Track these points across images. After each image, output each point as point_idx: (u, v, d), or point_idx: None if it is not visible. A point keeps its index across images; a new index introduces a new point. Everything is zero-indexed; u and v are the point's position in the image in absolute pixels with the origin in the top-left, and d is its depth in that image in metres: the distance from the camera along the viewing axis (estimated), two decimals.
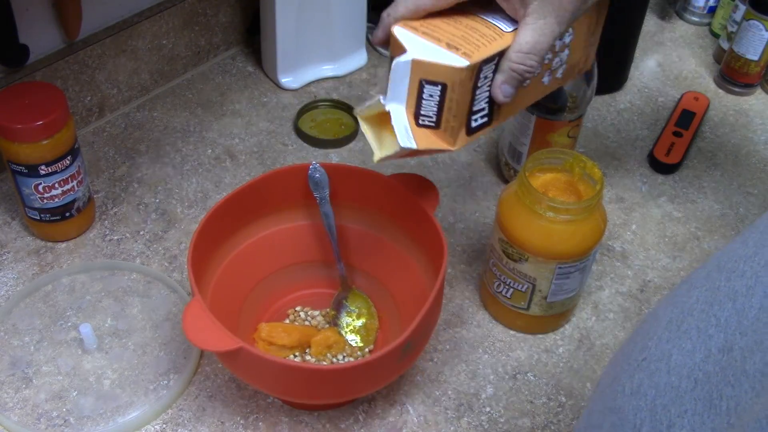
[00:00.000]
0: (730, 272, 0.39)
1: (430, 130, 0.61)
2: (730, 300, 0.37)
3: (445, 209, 0.91)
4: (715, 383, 0.35)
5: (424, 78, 0.59)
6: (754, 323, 0.36)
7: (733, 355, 0.36)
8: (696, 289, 0.40)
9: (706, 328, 0.37)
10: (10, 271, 0.82)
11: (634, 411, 0.38)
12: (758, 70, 1.07)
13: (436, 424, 0.72)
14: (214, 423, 0.71)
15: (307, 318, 0.78)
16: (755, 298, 0.36)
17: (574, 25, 0.65)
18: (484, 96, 0.62)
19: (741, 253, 0.39)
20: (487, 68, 0.60)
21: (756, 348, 0.35)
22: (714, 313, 0.38)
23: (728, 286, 0.38)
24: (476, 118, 0.62)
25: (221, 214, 0.71)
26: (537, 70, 0.61)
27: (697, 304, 0.39)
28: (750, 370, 0.34)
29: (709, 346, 0.37)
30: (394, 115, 0.60)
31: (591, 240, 0.72)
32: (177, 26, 1.00)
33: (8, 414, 0.70)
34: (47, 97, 0.77)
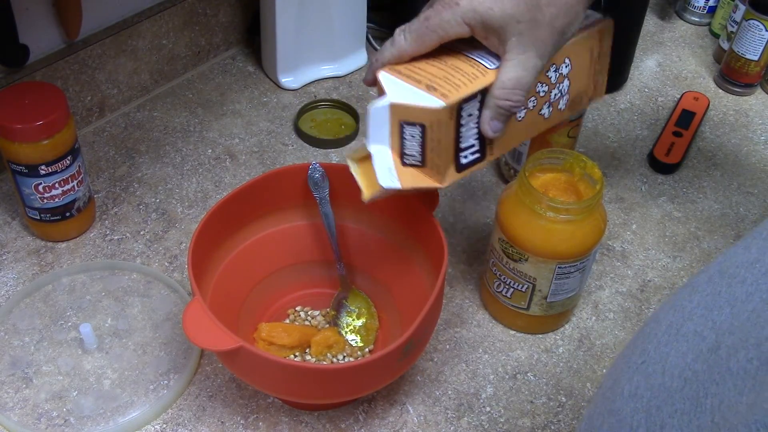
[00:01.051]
0: (731, 278, 0.39)
1: (417, 169, 0.63)
2: (729, 305, 0.38)
3: (445, 209, 0.91)
4: (702, 382, 0.36)
5: (402, 120, 0.61)
6: (743, 323, 0.36)
7: (719, 353, 0.36)
8: (697, 294, 0.40)
9: (702, 331, 0.38)
10: (10, 271, 0.82)
11: (631, 413, 0.39)
12: (758, 70, 1.07)
13: (436, 424, 0.72)
14: (214, 423, 0.71)
15: (307, 318, 0.78)
16: (751, 304, 0.37)
17: (570, 56, 0.66)
18: (472, 133, 0.63)
19: (743, 259, 0.39)
20: (470, 106, 0.61)
21: (740, 346, 0.35)
22: (712, 317, 0.38)
23: (729, 292, 0.38)
24: (465, 155, 0.64)
25: (221, 214, 0.71)
26: (522, 104, 0.62)
27: (697, 308, 0.39)
28: (734, 367, 0.35)
29: (701, 347, 0.37)
30: (376, 157, 0.63)
31: (591, 240, 0.72)
32: (177, 26, 1.00)
33: (8, 414, 0.70)
34: (47, 97, 0.77)
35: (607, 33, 0.68)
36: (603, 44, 0.68)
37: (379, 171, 0.62)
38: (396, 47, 0.62)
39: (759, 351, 0.34)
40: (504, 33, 0.59)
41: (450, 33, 0.61)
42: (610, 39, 0.69)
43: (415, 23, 0.61)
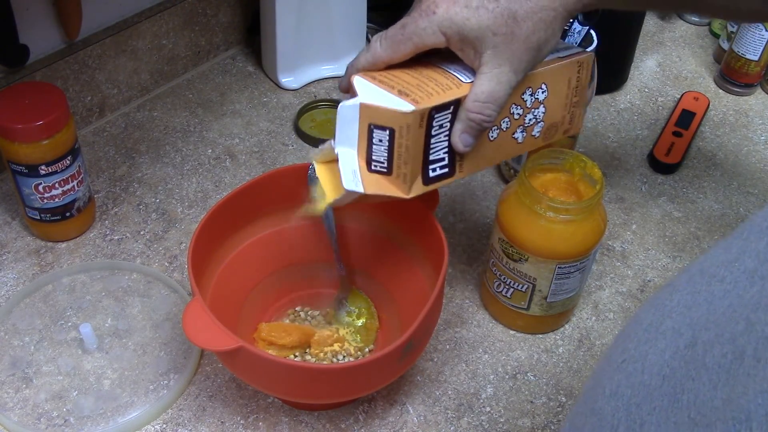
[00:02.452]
0: (711, 277, 0.39)
1: (382, 176, 0.62)
2: (706, 302, 0.38)
3: (445, 209, 0.91)
4: (679, 378, 0.36)
5: (372, 122, 0.60)
6: (719, 319, 0.36)
7: (696, 349, 0.36)
8: (677, 293, 0.41)
9: (679, 328, 0.38)
10: (10, 271, 0.82)
11: (612, 412, 0.39)
12: (758, 70, 1.07)
13: (436, 424, 0.72)
14: (214, 423, 0.71)
15: (307, 318, 0.78)
16: (727, 300, 0.37)
17: (548, 82, 0.66)
18: (442, 146, 0.62)
19: (723, 258, 0.40)
20: (442, 117, 0.61)
21: (716, 341, 0.35)
22: (690, 315, 0.38)
23: (707, 290, 0.39)
24: (434, 168, 0.63)
25: (221, 214, 0.71)
26: (494, 119, 0.62)
27: (676, 307, 0.40)
28: (709, 363, 0.35)
29: (678, 343, 0.37)
30: (342, 158, 0.61)
31: (591, 240, 0.72)
32: (177, 26, 1.00)
33: (8, 414, 0.70)
34: (47, 97, 0.77)
35: (585, 65, 0.68)
36: (581, 76, 0.68)
37: (344, 173, 0.60)
38: (371, 53, 0.62)
39: (733, 346, 0.34)
40: (480, 45, 0.59)
41: (426, 42, 0.60)
42: (588, 72, 0.69)
43: (391, 30, 0.61)
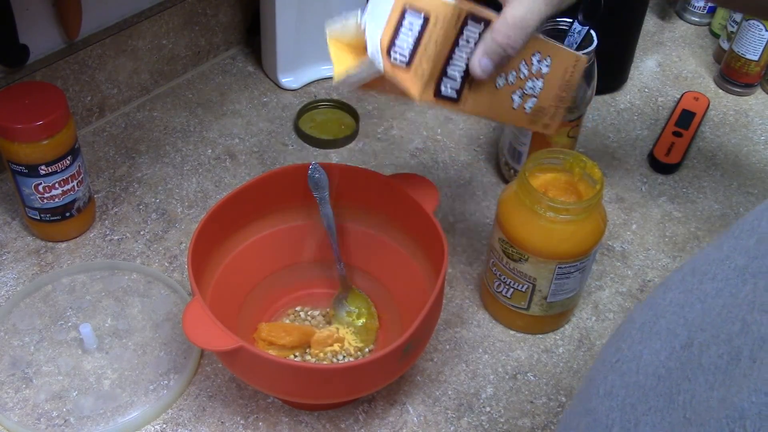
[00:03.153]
0: (702, 275, 0.39)
1: (399, 69, 0.58)
2: (699, 301, 0.38)
3: (445, 209, 0.91)
4: (675, 378, 0.36)
5: (408, 4, 0.57)
6: (714, 319, 0.37)
7: (692, 350, 0.36)
8: (670, 292, 0.41)
9: (674, 328, 0.38)
10: (10, 271, 0.82)
11: (606, 412, 0.39)
12: (758, 70, 1.07)
13: (436, 424, 0.72)
14: (214, 423, 0.71)
15: (307, 318, 0.78)
16: (721, 299, 0.37)
17: (552, 57, 0.67)
18: (460, 63, 0.60)
19: (715, 257, 0.40)
20: (472, 30, 0.59)
21: (712, 342, 0.36)
22: (684, 314, 0.38)
23: (700, 289, 0.39)
24: (446, 84, 0.61)
25: (221, 214, 0.71)
26: (518, 48, 0.60)
27: (670, 306, 0.40)
28: (706, 363, 0.35)
29: (674, 344, 0.37)
30: (369, 32, 0.57)
31: (591, 240, 0.72)
32: (177, 26, 1.00)
33: (8, 414, 0.70)
34: (47, 97, 0.77)
35: (580, 65, 0.69)
36: (574, 73, 0.70)
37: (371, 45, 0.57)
38: None
39: (730, 346, 0.34)
40: None
41: None
42: (579, 74, 0.70)
43: None
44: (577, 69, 0.70)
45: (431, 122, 1.01)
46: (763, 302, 0.35)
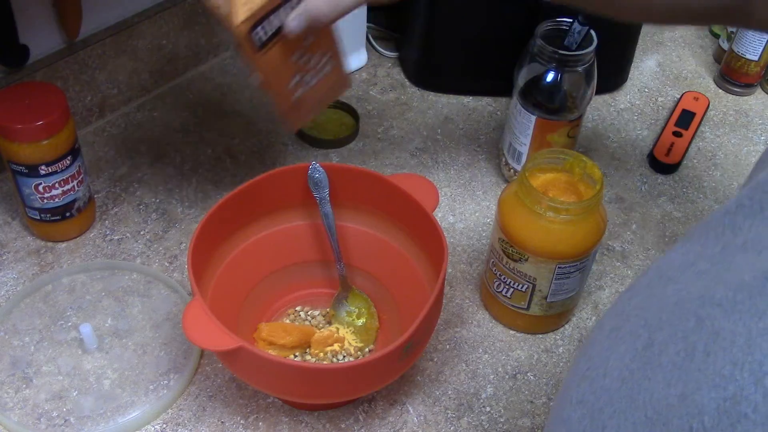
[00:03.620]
0: (667, 280, 0.40)
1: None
2: (658, 301, 0.39)
3: (445, 209, 0.91)
4: (637, 379, 0.37)
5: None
6: (670, 317, 0.37)
7: (653, 350, 0.37)
8: (636, 297, 0.42)
9: (636, 330, 0.39)
10: (11, 271, 0.82)
11: (578, 419, 0.39)
12: (758, 70, 1.07)
13: (436, 424, 0.72)
14: (214, 423, 0.71)
15: (307, 318, 0.78)
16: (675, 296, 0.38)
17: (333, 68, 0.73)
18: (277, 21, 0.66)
19: (680, 261, 0.41)
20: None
21: (670, 340, 0.36)
22: (645, 316, 0.39)
23: (662, 292, 0.39)
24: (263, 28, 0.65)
25: (221, 214, 0.71)
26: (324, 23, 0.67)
27: (634, 310, 0.41)
28: (664, 361, 0.36)
29: (636, 346, 0.38)
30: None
31: (591, 240, 0.72)
32: (177, 26, 1.00)
33: (8, 414, 0.70)
34: (47, 97, 0.77)
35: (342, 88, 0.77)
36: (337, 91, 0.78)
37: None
38: None
39: (686, 343, 0.35)
40: None
41: None
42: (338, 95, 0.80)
43: None
44: (340, 90, 0.77)
45: (431, 122, 1.01)
46: (713, 295, 0.35)
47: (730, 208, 0.39)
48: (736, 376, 0.32)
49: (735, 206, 0.39)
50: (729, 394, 0.31)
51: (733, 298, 0.34)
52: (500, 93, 1.04)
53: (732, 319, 0.34)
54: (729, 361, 0.32)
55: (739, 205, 0.39)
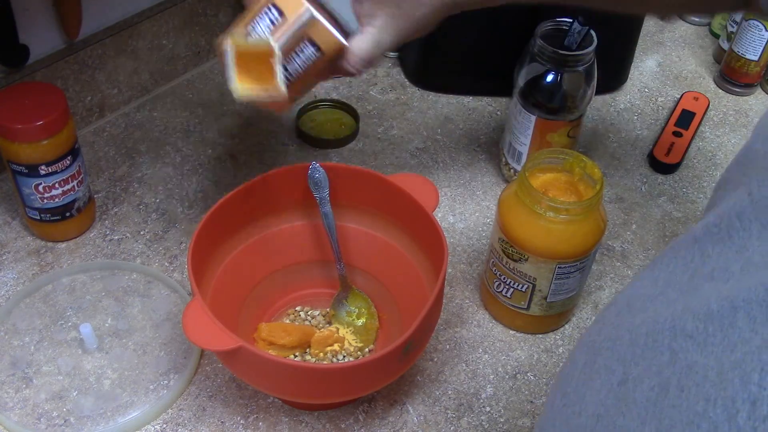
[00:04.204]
0: (636, 311, 0.40)
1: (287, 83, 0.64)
2: (629, 333, 0.38)
3: (445, 209, 0.91)
4: (611, 416, 0.36)
5: (309, 37, 0.63)
6: (643, 350, 0.37)
7: (627, 386, 0.36)
8: (606, 328, 0.41)
9: (610, 365, 0.38)
10: (10, 271, 0.82)
11: None
12: (758, 70, 1.07)
13: (436, 424, 0.72)
14: (214, 423, 0.71)
15: (307, 318, 0.78)
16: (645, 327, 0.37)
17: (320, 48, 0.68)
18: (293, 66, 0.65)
19: (649, 292, 0.40)
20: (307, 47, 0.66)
21: (644, 375, 0.36)
22: (617, 349, 0.39)
23: (631, 322, 0.39)
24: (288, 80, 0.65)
25: (221, 214, 0.71)
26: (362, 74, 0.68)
27: (604, 342, 0.40)
28: (638, 398, 0.35)
29: (611, 381, 0.37)
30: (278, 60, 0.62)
31: (591, 240, 0.72)
32: (177, 26, 1.00)
33: (8, 414, 0.70)
34: (47, 97, 0.77)
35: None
36: None
37: (279, 73, 0.62)
38: None
39: (660, 378, 0.34)
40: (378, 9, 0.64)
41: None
42: None
43: None
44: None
45: (431, 122, 1.01)
46: (684, 326, 0.35)
47: (697, 234, 0.39)
48: (710, 413, 0.31)
49: (702, 232, 0.39)
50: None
51: (704, 329, 0.34)
52: (500, 93, 1.04)
53: (704, 353, 0.33)
54: (702, 397, 0.32)
55: (707, 232, 0.38)
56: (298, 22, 0.63)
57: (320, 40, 0.64)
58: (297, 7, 0.63)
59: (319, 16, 0.63)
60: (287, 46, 0.63)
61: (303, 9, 0.63)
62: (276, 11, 0.63)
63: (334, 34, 0.64)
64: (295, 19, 0.63)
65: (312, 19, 0.63)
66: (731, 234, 0.37)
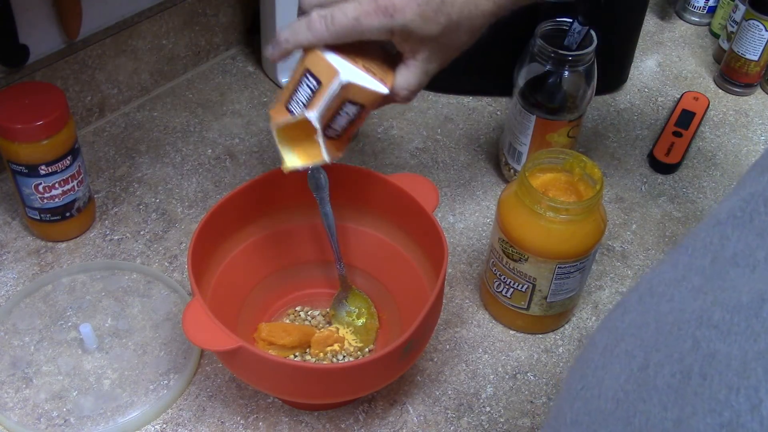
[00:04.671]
0: (660, 296, 0.40)
1: (331, 140, 0.66)
2: (654, 321, 0.38)
3: (445, 209, 0.91)
4: (632, 401, 0.36)
5: (348, 98, 0.63)
6: (667, 338, 0.37)
7: (648, 371, 0.36)
8: (629, 314, 0.41)
9: (632, 350, 0.38)
10: (10, 271, 0.82)
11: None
12: (758, 70, 1.07)
13: (436, 424, 0.72)
14: (214, 423, 0.71)
15: (307, 318, 0.78)
16: (672, 316, 0.37)
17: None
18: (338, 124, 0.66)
19: (671, 276, 0.40)
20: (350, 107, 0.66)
21: (666, 361, 0.35)
22: (641, 335, 0.38)
23: (657, 310, 0.39)
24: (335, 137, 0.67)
25: (221, 214, 0.71)
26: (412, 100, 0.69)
27: (629, 328, 0.40)
28: (659, 384, 0.35)
29: (632, 366, 0.37)
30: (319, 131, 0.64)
31: (591, 240, 0.72)
32: (177, 26, 1.00)
33: (8, 414, 0.70)
34: (47, 97, 0.77)
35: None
36: None
37: (322, 144, 0.64)
38: (315, 35, 0.63)
39: (682, 365, 0.34)
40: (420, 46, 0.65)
41: (373, 37, 0.63)
42: None
43: (339, 16, 0.62)
44: None
45: (431, 122, 1.01)
46: (711, 317, 0.35)
47: (720, 217, 0.39)
48: (732, 401, 0.31)
49: (726, 216, 0.39)
50: (725, 421, 0.31)
51: (730, 320, 0.34)
52: (500, 93, 1.04)
53: (727, 342, 0.33)
54: (725, 385, 0.32)
55: (730, 215, 0.38)
56: (333, 90, 0.62)
57: (360, 99, 0.64)
58: (330, 74, 0.62)
59: (352, 79, 0.62)
60: (329, 111, 0.63)
61: (335, 77, 0.62)
62: (313, 78, 0.63)
63: (373, 89, 0.64)
64: (330, 86, 0.62)
65: (347, 84, 0.62)
66: (753, 217, 0.37)
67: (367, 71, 0.64)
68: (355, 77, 0.63)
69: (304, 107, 0.63)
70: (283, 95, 0.66)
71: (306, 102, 0.63)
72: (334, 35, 0.62)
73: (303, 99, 0.64)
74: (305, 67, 0.64)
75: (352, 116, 0.65)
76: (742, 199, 0.38)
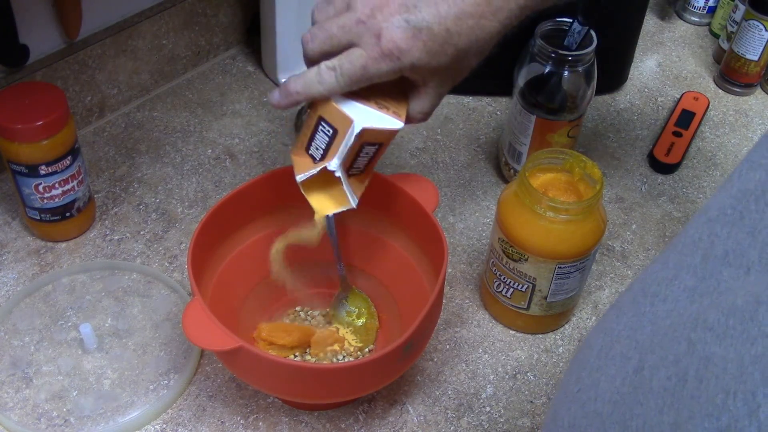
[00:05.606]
0: (653, 297, 0.39)
1: (355, 177, 0.68)
2: (650, 323, 0.38)
3: (445, 209, 0.91)
4: (628, 404, 0.36)
5: (366, 141, 0.64)
6: (662, 340, 0.36)
7: (643, 374, 0.36)
8: (624, 315, 0.41)
9: (627, 352, 0.38)
10: (10, 271, 0.82)
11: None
12: (758, 70, 1.07)
13: (436, 424, 0.72)
14: (214, 423, 0.71)
15: (307, 318, 0.78)
16: (669, 319, 0.37)
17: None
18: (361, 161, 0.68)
19: (663, 275, 0.40)
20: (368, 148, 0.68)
21: (661, 364, 0.35)
22: (636, 338, 0.38)
23: (652, 311, 0.39)
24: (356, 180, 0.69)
25: (221, 213, 0.71)
26: None
27: (624, 330, 0.40)
28: (655, 386, 0.35)
29: (627, 369, 0.37)
30: (342, 178, 0.65)
31: (591, 240, 0.72)
32: (177, 26, 1.00)
33: (8, 414, 0.70)
34: (47, 97, 0.77)
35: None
36: None
37: (348, 191, 0.66)
38: (326, 87, 0.63)
39: (677, 368, 0.34)
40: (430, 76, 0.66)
41: (383, 79, 0.64)
42: None
43: (347, 67, 0.62)
44: None
45: (431, 122, 1.01)
46: (706, 319, 0.34)
47: (710, 214, 0.39)
48: (730, 405, 0.31)
49: (716, 213, 0.38)
50: (723, 425, 0.31)
51: (725, 323, 0.33)
52: (500, 93, 1.04)
53: (723, 345, 0.33)
54: (721, 388, 0.31)
55: (720, 212, 0.38)
56: (350, 138, 0.62)
57: (377, 139, 0.65)
58: (345, 123, 0.63)
59: (367, 123, 0.63)
60: (349, 157, 0.64)
61: (350, 125, 0.62)
62: (329, 126, 0.64)
63: (389, 128, 0.64)
64: (347, 135, 0.63)
65: (362, 131, 0.62)
66: (743, 216, 0.37)
67: (380, 108, 0.64)
68: (369, 121, 0.63)
69: (323, 154, 0.64)
70: (300, 140, 0.66)
71: (325, 148, 0.64)
72: (344, 86, 0.63)
73: (322, 145, 0.65)
74: (319, 114, 0.64)
75: (371, 154, 0.67)
76: (732, 196, 0.38)
